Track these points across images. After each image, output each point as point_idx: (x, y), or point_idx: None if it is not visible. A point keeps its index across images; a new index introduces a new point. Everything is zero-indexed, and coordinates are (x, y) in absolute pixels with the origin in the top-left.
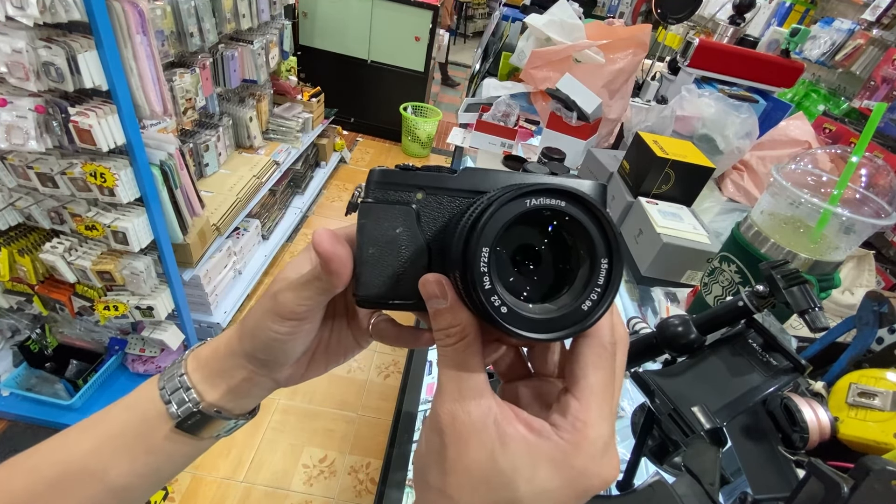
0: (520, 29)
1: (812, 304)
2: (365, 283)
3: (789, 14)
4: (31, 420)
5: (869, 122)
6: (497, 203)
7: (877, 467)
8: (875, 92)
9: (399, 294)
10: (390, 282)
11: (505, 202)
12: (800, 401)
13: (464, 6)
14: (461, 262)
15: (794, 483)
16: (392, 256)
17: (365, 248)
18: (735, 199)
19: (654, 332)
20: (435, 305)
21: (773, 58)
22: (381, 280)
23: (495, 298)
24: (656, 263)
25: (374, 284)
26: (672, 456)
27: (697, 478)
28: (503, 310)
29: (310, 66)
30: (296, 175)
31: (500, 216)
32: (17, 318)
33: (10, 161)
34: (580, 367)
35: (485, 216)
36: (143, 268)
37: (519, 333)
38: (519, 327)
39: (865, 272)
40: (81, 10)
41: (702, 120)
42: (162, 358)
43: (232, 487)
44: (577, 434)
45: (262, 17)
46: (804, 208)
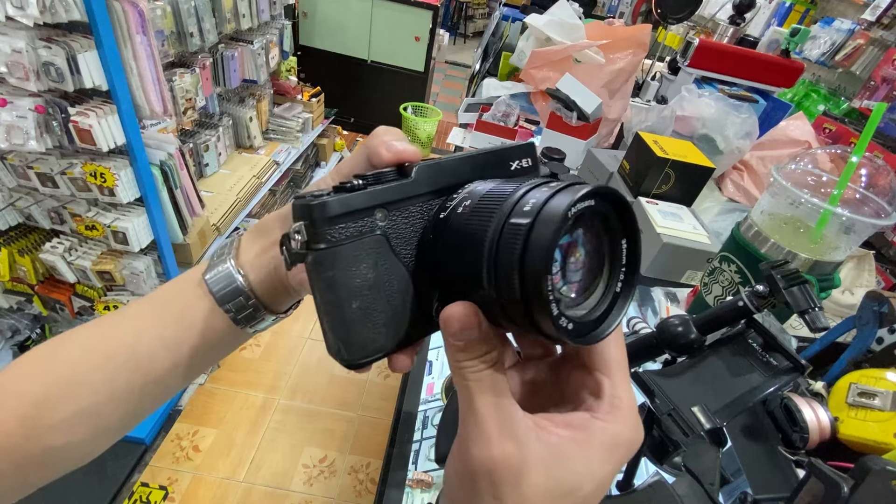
0: (520, 29)
1: (812, 304)
2: (359, 345)
3: (789, 14)
4: None
5: (869, 122)
6: (541, 226)
7: (877, 467)
8: (875, 92)
9: (400, 339)
10: (386, 330)
11: (549, 221)
12: (800, 401)
13: (464, 6)
14: (520, 295)
15: (794, 483)
16: (381, 301)
17: (345, 305)
18: (735, 199)
19: (654, 332)
20: (466, 337)
21: (773, 58)
22: (375, 333)
23: (563, 320)
24: (656, 263)
25: (370, 342)
26: (672, 456)
27: (697, 478)
28: (570, 327)
29: (310, 66)
30: (296, 175)
31: (546, 236)
32: (17, 318)
33: (10, 161)
34: (605, 346)
35: (532, 243)
36: (143, 268)
37: (586, 342)
38: (584, 338)
39: (865, 272)
40: (81, 10)
41: (702, 120)
42: None
43: (232, 487)
44: (618, 412)
45: (262, 17)
46: (804, 208)
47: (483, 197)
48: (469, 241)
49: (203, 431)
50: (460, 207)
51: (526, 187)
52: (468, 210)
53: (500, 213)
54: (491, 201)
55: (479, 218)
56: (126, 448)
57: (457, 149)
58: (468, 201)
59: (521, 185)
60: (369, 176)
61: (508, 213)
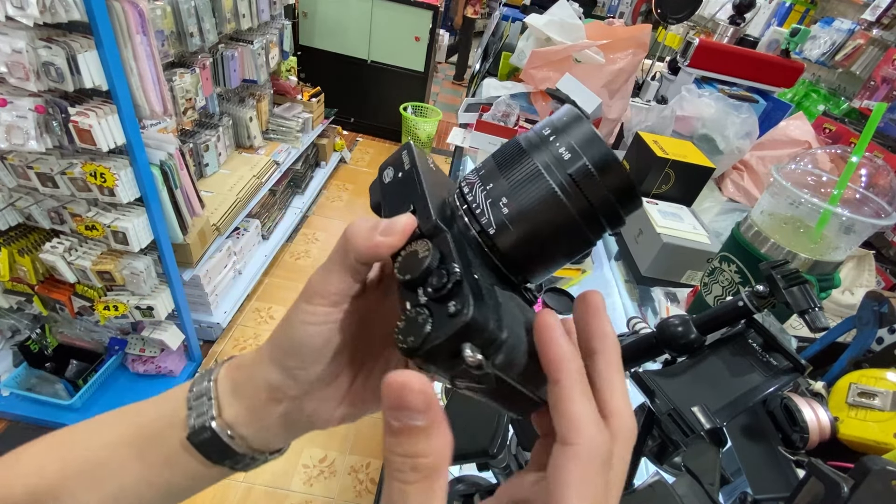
0: (520, 29)
1: (812, 304)
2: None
3: (789, 14)
4: (31, 420)
5: (869, 122)
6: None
7: (877, 467)
8: (875, 92)
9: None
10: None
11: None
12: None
13: None
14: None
15: (794, 483)
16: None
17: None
18: (735, 199)
19: (654, 332)
20: (406, 419)
21: (773, 58)
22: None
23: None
24: (656, 263)
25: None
26: (672, 456)
27: (697, 478)
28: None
29: (310, 66)
30: (296, 175)
31: (605, 151)
32: (17, 318)
33: (10, 161)
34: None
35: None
36: (143, 268)
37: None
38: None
39: (865, 272)
40: (81, 10)
41: (702, 120)
42: (162, 358)
43: (232, 487)
44: (574, 436)
45: (262, 17)
46: (804, 208)
47: (507, 186)
48: (542, 207)
49: None
50: (498, 207)
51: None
52: (509, 200)
53: (549, 173)
54: (523, 181)
55: (531, 196)
56: None
57: (457, 149)
58: (504, 199)
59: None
60: (440, 258)
61: (558, 166)
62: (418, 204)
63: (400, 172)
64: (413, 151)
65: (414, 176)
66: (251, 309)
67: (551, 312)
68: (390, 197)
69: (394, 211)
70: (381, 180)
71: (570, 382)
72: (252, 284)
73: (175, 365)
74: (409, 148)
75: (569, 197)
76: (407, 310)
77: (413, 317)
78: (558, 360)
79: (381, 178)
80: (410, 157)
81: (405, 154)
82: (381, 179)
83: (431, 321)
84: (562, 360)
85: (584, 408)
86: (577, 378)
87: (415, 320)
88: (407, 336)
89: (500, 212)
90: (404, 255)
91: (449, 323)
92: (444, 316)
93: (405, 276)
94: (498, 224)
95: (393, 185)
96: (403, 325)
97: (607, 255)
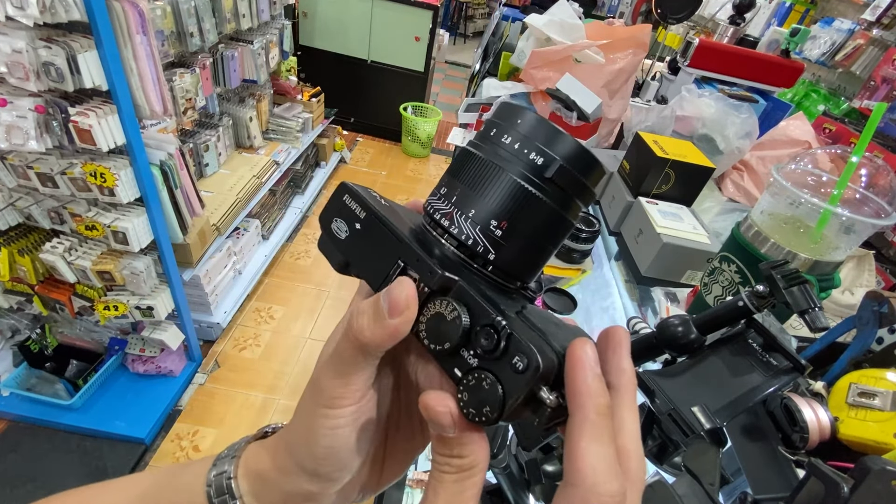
0: (520, 29)
1: (812, 304)
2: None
3: (789, 14)
4: (31, 420)
5: (869, 122)
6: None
7: (877, 467)
8: (875, 92)
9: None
10: None
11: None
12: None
13: (464, 6)
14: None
15: (794, 483)
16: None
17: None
18: (735, 199)
19: (654, 332)
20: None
21: (773, 58)
22: None
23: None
24: (656, 263)
25: None
26: (672, 456)
27: (697, 478)
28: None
29: (310, 66)
30: (296, 175)
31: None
32: (17, 318)
33: (10, 161)
34: (571, 439)
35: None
36: (143, 268)
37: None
38: None
39: (865, 272)
40: (81, 10)
41: (702, 120)
42: (162, 358)
43: None
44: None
45: (262, 17)
46: (804, 208)
47: (491, 206)
48: (530, 215)
49: (203, 431)
50: (489, 230)
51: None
52: (499, 221)
53: (532, 185)
54: (504, 196)
55: (516, 208)
56: (126, 448)
57: (456, 149)
58: (493, 221)
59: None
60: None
61: (536, 174)
62: (408, 258)
63: (356, 223)
64: (358, 194)
65: (378, 224)
66: (251, 309)
67: (587, 343)
68: (359, 255)
69: (374, 272)
70: (334, 236)
71: (582, 420)
72: (252, 284)
73: (175, 365)
74: (349, 191)
75: (554, 199)
76: (462, 380)
77: (475, 384)
78: (576, 394)
79: (331, 234)
80: (360, 201)
81: (349, 199)
82: (333, 235)
83: (501, 385)
84: (580, 394)
85: (593, 450)
86: (592, 418)
87: (479, 387)
88: (481, 408)
89: (493, 235)
90: (426, 322)
91: (521, 379)
92: (511, 374)
93: (443, 346)
94: (496, 248)
95: (354, 240)
96: (468, 397)
97: (607, 255)
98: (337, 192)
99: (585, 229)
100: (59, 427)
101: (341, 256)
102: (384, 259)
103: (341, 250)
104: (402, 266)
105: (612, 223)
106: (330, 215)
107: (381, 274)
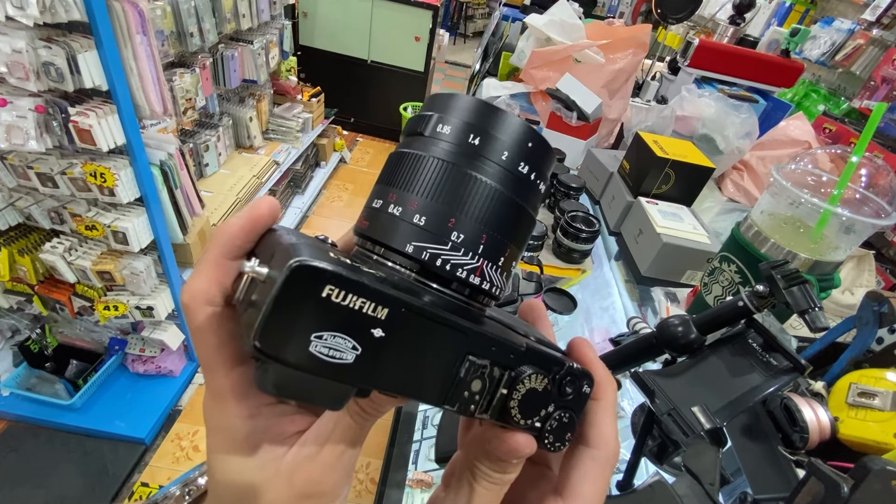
0: (520, 29)
1: (812, 304)
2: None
3: (789, 14)
4: (31, 420)
5: (869, 122)
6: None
7: (877, 467)
8: (875, 92)
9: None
10: None
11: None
12: (800, 401)
13: (464, 6)
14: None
15: (794, 483)
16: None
17: None
18: (735, 199)
19: (654, 332)
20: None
21: (773, 58)
22: None
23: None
24: (656, 263)
25: None
26: (672, 456)
27: (697, 478)
28: None
29: (310, 66)
30: (296, 175)
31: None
32: (17, 318)
33: (10, 161)
34: (577, 476)
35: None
36: (143, 268)
37: None
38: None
39: (865, 272)
40: (81, 10)
41: (702, 120)
42: (162, 358)
43: None
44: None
45: (262, 17)
46: (804, 208)
47: (486, 225)
48: (517, 220)
49: (203, 432)
50: (497, 262)
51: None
52: (504, 242)
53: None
54: (491, 211)
55: (502, 219)
56: (126, 448)
57: None
58: (497, 252)
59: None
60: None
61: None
62: (478, 348)
63: (374, 329)
64: (348, 279)
65: (418, 317)
66: None
67: (586, 340)
68: (390, 372)
69: (422, 383)
70: (326, 363)
71: (606, 400)
72: None
73: (175, 365)
74: (330, 278)
75: (524, 198)
76: (545, 425)
77: (559, 425)
78: (602, 383)
79: (315, 363)
80: (360, 290)
81: (337, 294)
82: (324, 362)
83: (575, 414)
84: (603, 383)
85: (613, 424)
86: (612, 398)
87: (562, 424)
88: (563, 438)
89: (498, 264)
90: (518, 404)
91: (584, 398)
92: (578, 400)
93: (539, 414)
94: (503, 280)
95: (374, 354)
96: (553, 438)
97: (607, 255)
98: (297, 287)
99: (585, 229)
100: (59, 427)
101: (351, 386)
102: (440, 361)
103: (350, 377)
104: (471, 361)
105: (612, 223)
106: (303, 334)
107: (438, 381)
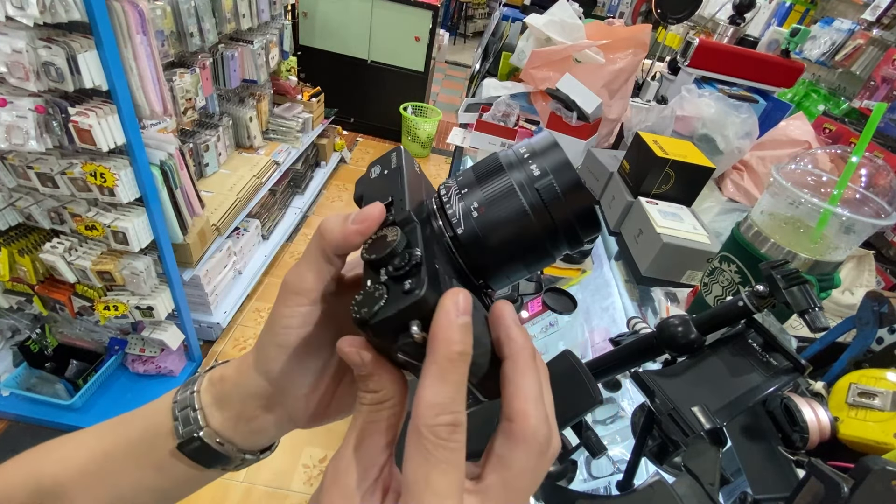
0: (520, 29)
1: (812, 304)
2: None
3: (789, 14)
4: (31, 420)
5: (869, 122)
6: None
7: (877, 467)
8: (875, 92)
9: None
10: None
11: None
12: (800, 401)
13: (464, 6)
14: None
15: (794, 483)
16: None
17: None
18: (735, 199)
19: (654, 332)
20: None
21: (773, 58)
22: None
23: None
24: (656, 263)
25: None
26: (672, 456)
27: (697, 478)
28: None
29: (310, 66)
30: (296, 175)
31: (572, 177)
32: (17, 318)
33: (10, 161)
34: (490, 459)
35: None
36: (143, 268)
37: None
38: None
39: (865, 272)
40: (81, 10)
41: (702, 120)
42: (162, 358)
43: (232, 487)
44: (521, 430)
45: (262, 17)
46: (804, 208)
47: (482, 197)
48: (511, 220)
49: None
50: (470, 213)
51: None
52: (480, 208)
53: (521, 190)
54: (496, 194)
55: (502, 208)
56: None
57: (457, 149)
58: (476, 206)
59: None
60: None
61: (529, 186)
62: (396, 196)
63: (386, 170)
64: (402, 154)
65: (398, 173)
66: (251, 309)
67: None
68: (372, 191)
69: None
70: (368, 176)
71: (524, 364)
72: (252, 284)
73: (175, 365)
74: (398, 150)
75: (536, 214)
76: (367, 286)
77: (371, 291)
78: (511, 339)
79: (367, 174)
80: (398, 158)
81: (394, 155)
82: (368, 175)
83: (386, 297)
84: (515, 339)
85: (535, 392)
86: (528, 361)
87: (371, 295)
88: (361, 308)
89: (470, 217)
90: (374, 238)
91: (402, 299)
92: (398, 293)
93: (370, 256)
94: (467, 228)
95: (377, 181)
96: (360, 299)
97: (607, 255)
98: (392, 149)
99: None
100: (60, 427)
101: (361, 191)
102: (383, 197)
103: (365, 184)
104: (390, 202)
105: (612, 223)
106: (375, 162)
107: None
